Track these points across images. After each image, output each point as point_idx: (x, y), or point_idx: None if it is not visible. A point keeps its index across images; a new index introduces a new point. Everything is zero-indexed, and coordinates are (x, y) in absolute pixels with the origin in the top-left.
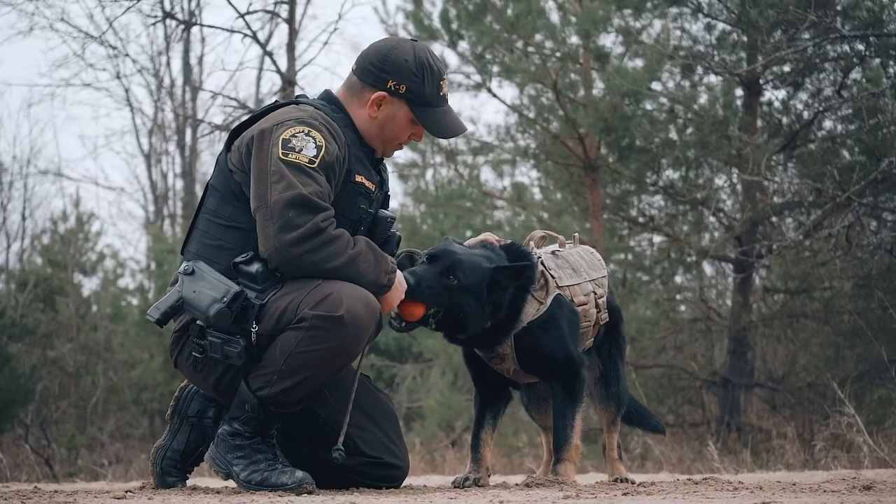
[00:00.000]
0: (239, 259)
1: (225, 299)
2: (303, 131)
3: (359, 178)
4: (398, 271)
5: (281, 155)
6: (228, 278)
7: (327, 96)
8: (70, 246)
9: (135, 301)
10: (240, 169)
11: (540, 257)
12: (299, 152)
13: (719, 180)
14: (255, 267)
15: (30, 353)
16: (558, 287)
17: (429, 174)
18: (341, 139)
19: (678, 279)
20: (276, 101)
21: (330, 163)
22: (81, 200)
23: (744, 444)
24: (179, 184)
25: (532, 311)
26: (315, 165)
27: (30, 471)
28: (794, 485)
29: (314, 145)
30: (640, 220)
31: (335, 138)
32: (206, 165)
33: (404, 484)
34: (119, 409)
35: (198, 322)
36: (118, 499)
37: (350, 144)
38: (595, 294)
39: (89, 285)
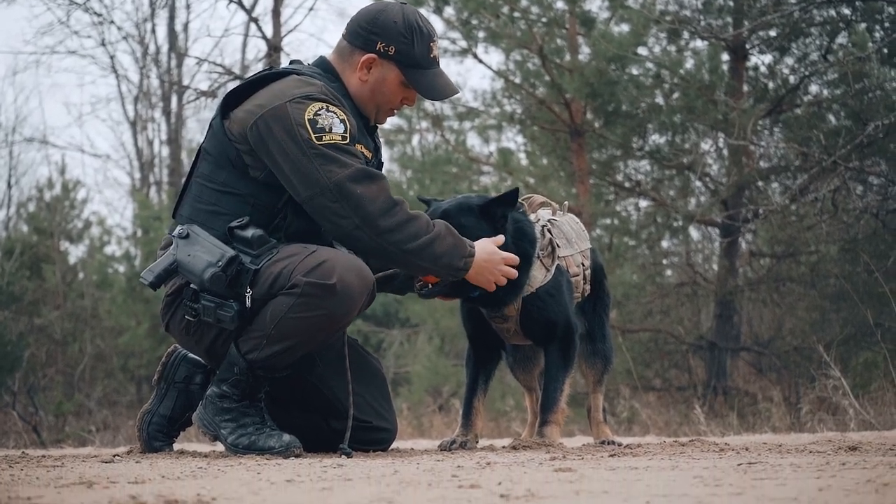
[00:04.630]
0: (234, 224)
1: (220, 263)
2: (323, 108)
3: (359, 147)
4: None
5: (315, 138)
6: (223, 243)
7: (322, 63)
8: (56, 213)
9: (121, 268)
10: (242, 141)
11: (545, 225)
12: (331, 131)
13: (705, 145)
14: (250, 232)
15: (16, 320)
16: (559, 257)
17: (415, 140)
18: (349, 110)
19: (664, 244)
20: (272, 67)
21: (354, 135)
22: (67, 168)
23: (730, 408)
24: (165, 151)
25: (540, 276)
26: (347, 141)
27: (17, 437)
28: (780, 446)
29: (339, 120)
30: (627, 184)
31: (347, 110)
32: (192, 132)
33: (392, 447)
34: (106, 375)
35: (191, 285)
36: (105, 463)
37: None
38: (583, 266)
39: (76, 253)
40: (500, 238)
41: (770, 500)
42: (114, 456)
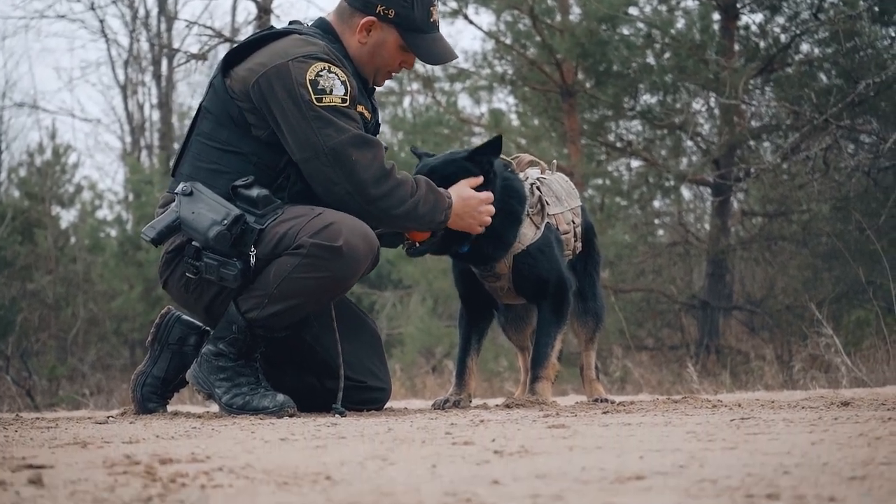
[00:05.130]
0: (239, 183)
1: (225, 222)
2: (325, 68)
3: (360, 109)
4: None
5: (315, 100)
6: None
7: (322, 24)
8: (47, 178)
9: (113, 232)
10: (244, 99)
11: (534, 183)
12: (331, 93)
13: (697, 104)
14: (255, 192)
15: (8, 285)
16: (549, 214)
17: (406, 101)
18: (349, 71)
19: (656, 203)
20: (272, 27)
21: (354, 97)
22: (58, 132)
23: (723, 366)
24: (156, 115)
25: (531, 234)
26: (347, 104)
27: (11, 402)
28: (772, 402)
29: (340, 82)
30: (618, 145)
31: (348, 72)
32: (183, 96)
33: (385, 407)
34: (99, 339)
35: (193, 243)
36: (99, 424)
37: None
38: (573, 224)
39: (67, 217)
40: (479, 179)
41: (763, 455)
42: (108, 417)
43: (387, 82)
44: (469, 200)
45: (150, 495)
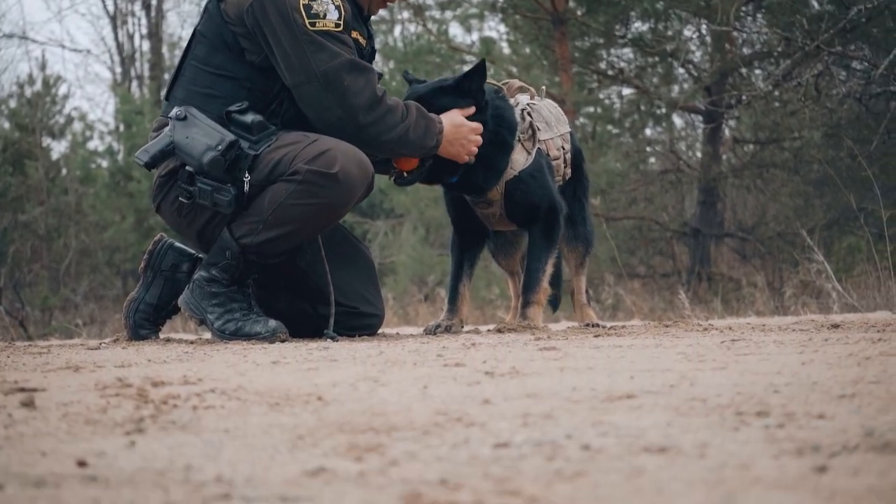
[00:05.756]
0: (233, 108)
1: (220, 147)
2: None
3: (354, 35)
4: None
5: (308, 24)
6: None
7: None
8: (37, 109)
9: (104, 163)
10: (238, 24)
11: (525, 108)
12: (325, 18)
13: (688, 31)
14: (249, 117)
15: (0, 217)
16: (539, 140)
17: (397, 30)
18: None
19: (648, 131)
20: None
21: (348, 22)
22: (48, 63)
23: (714, 293)
24: (146, 45)
25: (522, 159)
26: (341, 29)
27: (4, 332)
28: (763, 326)
29: (334, 7)
30: (610, 72)
31: None
32: (173, 26)
33: (378, 333)
34: (92, 270)
35: (187, 168)
36: (92, 350)
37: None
38: (563, 150)
39: (58, 148)
40: (470, 109)
41: (753, 374)
42: (100, 343)
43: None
44: (459, 129)
45: (142, 416)
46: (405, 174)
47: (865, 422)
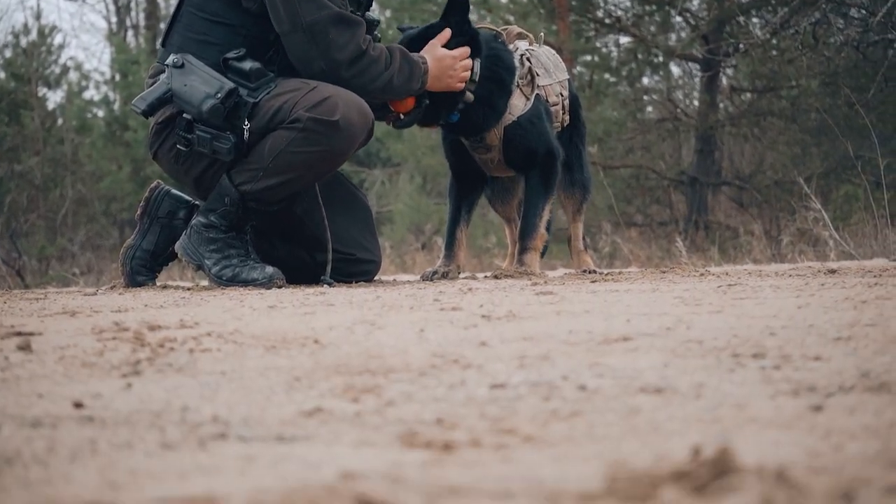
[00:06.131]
0: (231, 55)
1: (219, 95)
2: None
3: None
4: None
5: None
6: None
7: None
8: (33, 59)
9: (100, 113)
10: None
11: (524, 54)
12: None
13: None
14: (247, 65)
15: None
16: (538, 86)
17: None
18: None
19: (645, 80)
20: None
21: None
22: (43, 13)
23: (711, 242)
24: None
25: (521, 105)
26: None
27: (1, 281)
28: (760, 272)
29: None
30: (607, 21)
31: None
32: None
33: (375, 279)
34: (88, 220)
35: (185, 115)
36: (89, 296)
37: None
38: (562, 96)
39: (54, 98)
40: (445, 35)
41: (749, 318)
42: (97, 290)
43: None
44: (443, 60)
45: (138, 359)
46: (402, 116)
47: (861, 363)
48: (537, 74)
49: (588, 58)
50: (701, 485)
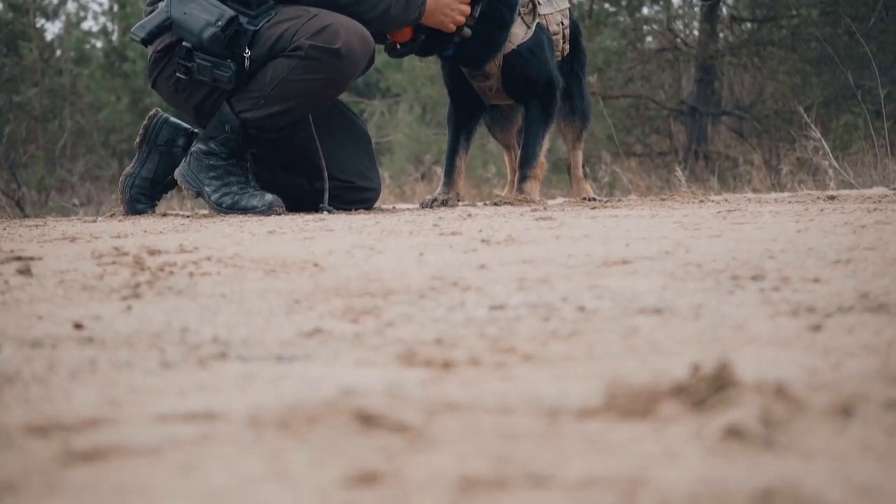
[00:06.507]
0: None
1: (219, 23)
2: None
3: None
4: None
5: None
6: (219, 1)
7: None
8: None
9: (99, 44)
10: None
11: None
12: None
13: None
14: None
15: None
16: (539, 14)
17: None
18: None
19: (645, 10)
20: None
21: None
22: None
23: (711, 172)
24: None
25: (521, 33)
26: None
27: (0, 212)
28: (760, 199)
29: None
30: None
31: None
32: None
33: (374, 207)
34: (87, 151)
35: (184, 43)
36: (88, 222)
37: None
38: (563, 25)
39: (52, 29)
40: None
41: (749, 242)
42: (96, 218)
43: None
44: None
45: (138, 282)
46: (398, 46)
47: (860, 285)
48: (539, 3)
49: None
50: (700, 399)
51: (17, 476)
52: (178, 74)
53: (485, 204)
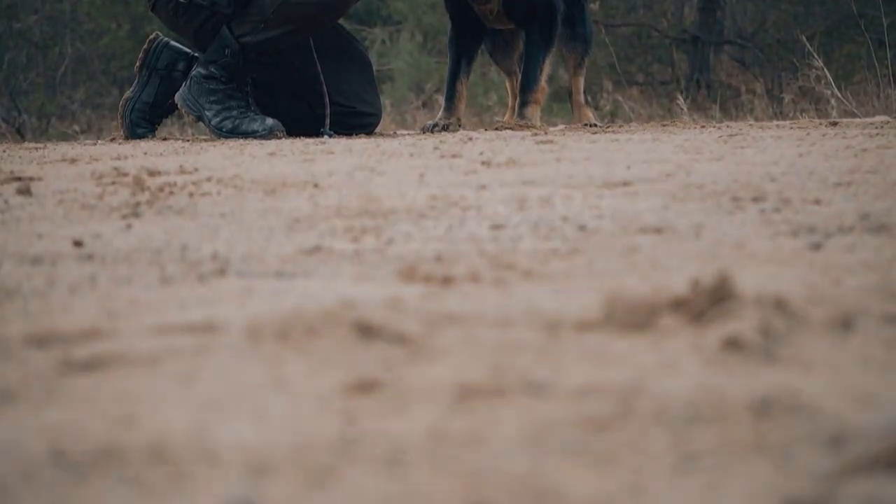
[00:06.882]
0: None
1: None
2: None
3: None
4: None
5: None
6: None
7: None
8: None
9: None
10: None
11: None
12: None
13: None
14: None
15: None
16: None
17: None
18: None
19: None
20: None
21: None
22: None
23: (713, 101)
24: None
25: None
26: None
27: (1, 139)
28: (761, 125)
29: None
30: None
31: None
32: None
33: (375, 132)
34: (88, 78)
35: None
36: (88, 145)
37: None
38: None
39: None
40: None
41: (750, 165)
42: (96, 141)
43: None
44: None
45: (138, 202)
46: None
47: (861, 207)
48: None
49: None
50: (699, 312)
51: (17, 385)
52: None
53: (485, 129)
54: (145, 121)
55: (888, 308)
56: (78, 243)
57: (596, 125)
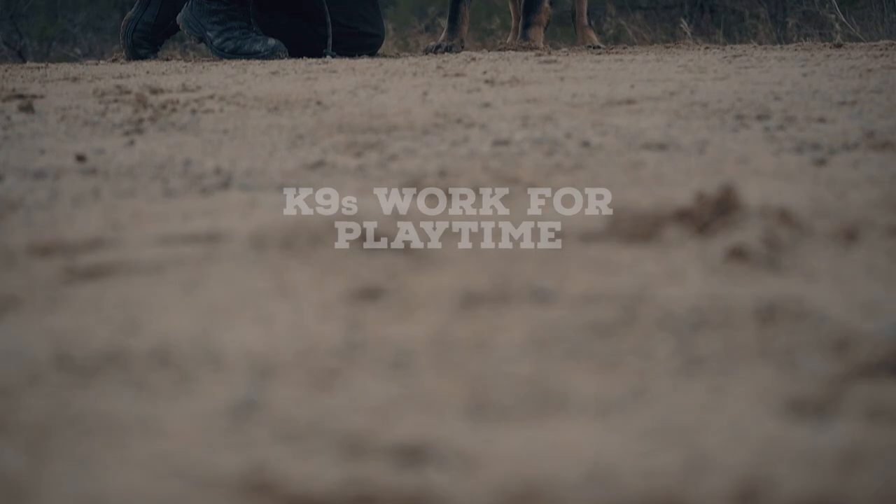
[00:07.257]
0: None
1: None
2: None
3: None
4: None
5: None
6: None
7: None
8: None
9: None
10: None
11: None
12: None
13: None
14: None
15: None
16: None
17: None
18: None
19: None
20: None
21: None
22: None
23: (716, 26)
24: None
25: None
26: None
27: (3, 61)
28: (765, 47)
29: None
30: None
31: None
32: None
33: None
34: (89, 2)
35: None
36: (90, 65)
37: None
38: None
39: None
40: None
41: (754, 84)
42: (98, 62)
43: None
44: None
45: (140, 119)
46: None
47: (866, 125)
48: None
49: None
50: (704, 223)
51: (21, 292)
52: None
53: (488, 50)
54: (147, 41)
55: (893, 220)
56: (81, 158)
57: (599, 48)
